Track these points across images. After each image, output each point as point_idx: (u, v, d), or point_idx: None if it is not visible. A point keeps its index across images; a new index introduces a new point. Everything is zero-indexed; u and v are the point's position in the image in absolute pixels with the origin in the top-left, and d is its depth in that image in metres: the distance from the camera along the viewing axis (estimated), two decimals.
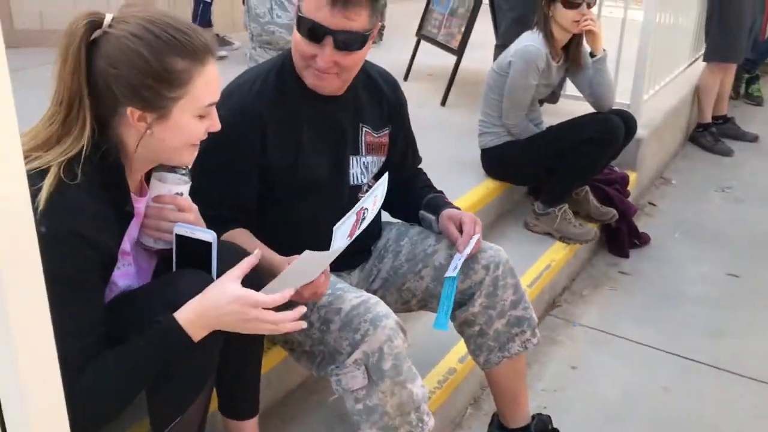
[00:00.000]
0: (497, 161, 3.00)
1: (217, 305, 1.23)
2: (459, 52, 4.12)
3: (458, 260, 1.78)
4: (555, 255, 2.88)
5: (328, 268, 1.48)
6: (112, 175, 1.26)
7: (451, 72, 4.14)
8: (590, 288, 3.05)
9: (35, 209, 1.07)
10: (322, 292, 1.53)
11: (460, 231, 1.81)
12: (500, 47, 3.60)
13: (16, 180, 0.66)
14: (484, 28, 4.44)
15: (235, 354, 1.46)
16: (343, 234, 1.40)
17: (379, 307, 1.56)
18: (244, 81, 1.71)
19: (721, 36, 4.41)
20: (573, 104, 3.68)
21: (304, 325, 1.32)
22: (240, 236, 1.63)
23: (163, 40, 1.20)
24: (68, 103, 1.19)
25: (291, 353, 1.74)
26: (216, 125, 1.32)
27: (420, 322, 2.28)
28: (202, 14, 5.07)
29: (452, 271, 1.76)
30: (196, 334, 1.24)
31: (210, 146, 1.41)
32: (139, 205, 1.36)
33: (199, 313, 1.23)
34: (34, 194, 1.10)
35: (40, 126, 1.21)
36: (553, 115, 3.34)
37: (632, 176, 3.49)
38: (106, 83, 1.20)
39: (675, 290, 3.02)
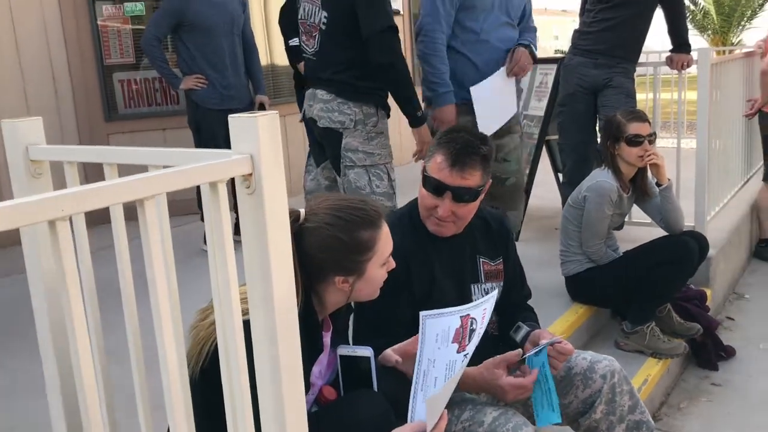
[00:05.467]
0: (583, 286, 3.25)
1: None
2: (527, 192, 4.48)
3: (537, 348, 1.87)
4: (650, 370, 3.05)
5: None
6: (309, 325, 1.54)
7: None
8: (687, 401, 3.17)
9: None
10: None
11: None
12: (567, 184, 3.97)
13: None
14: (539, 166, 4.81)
15: None
16: (444, 338, 1.59)
17: (518, 417, 1.78)
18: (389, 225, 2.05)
19: None
20: (638, 230, 3.95)
21: None
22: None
23: (349, 221, 1.53)
24: None
25: None
26: (392, 264, 1.64)
27: None
28: None
29: (532, 352, 1.83)
30: None
31: None
32: (325, 339, 1.65)
33: None
34: None
35: None
36: (627, 241, 3.61)
37: (707, 293, 3.66)
38: (315, 264, 1.51)
39: None
